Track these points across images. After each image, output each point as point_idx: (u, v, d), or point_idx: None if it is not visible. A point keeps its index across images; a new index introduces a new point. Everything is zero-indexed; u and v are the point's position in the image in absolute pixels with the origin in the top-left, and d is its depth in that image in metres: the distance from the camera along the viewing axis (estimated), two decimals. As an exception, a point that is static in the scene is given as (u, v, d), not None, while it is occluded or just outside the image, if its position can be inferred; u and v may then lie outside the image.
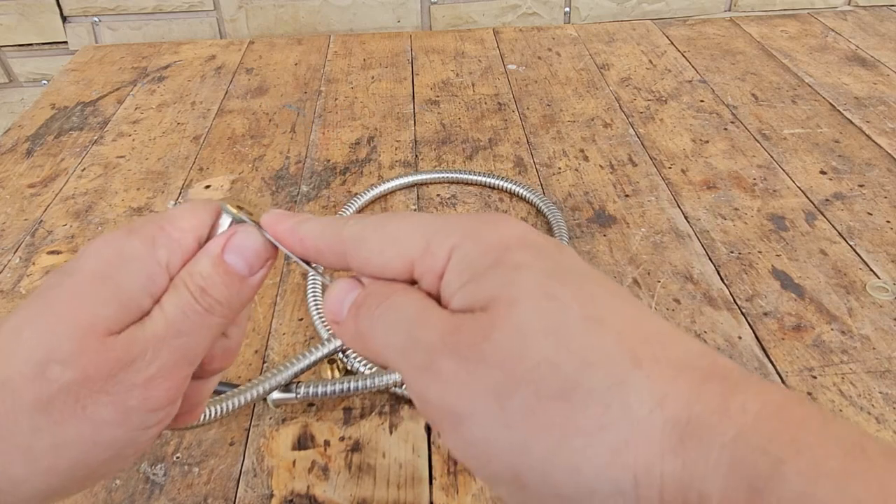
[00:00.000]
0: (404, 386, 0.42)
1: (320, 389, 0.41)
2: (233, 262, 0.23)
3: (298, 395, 0.41)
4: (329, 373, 0.44)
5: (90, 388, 0.21)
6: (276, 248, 0.24)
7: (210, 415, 0.39)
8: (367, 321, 0.21)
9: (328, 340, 0.43)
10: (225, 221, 0.25)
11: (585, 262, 0.21)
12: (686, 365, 0.18)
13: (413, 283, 0.22)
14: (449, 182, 0.62)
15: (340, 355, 0.44)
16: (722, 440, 0.16)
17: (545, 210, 0.57)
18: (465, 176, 0.62)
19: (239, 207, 0.25)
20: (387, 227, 0.22)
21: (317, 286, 0.50)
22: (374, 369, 0.43)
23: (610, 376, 0.17)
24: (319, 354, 0.42)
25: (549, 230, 0.55)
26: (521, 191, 0.60)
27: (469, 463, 0.19)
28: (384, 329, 0.21)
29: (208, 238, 0.24)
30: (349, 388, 0.41)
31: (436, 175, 0.63)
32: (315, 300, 0.49)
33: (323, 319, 0.48)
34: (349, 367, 0.44)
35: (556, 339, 0.18)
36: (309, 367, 0.42)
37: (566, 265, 0.20)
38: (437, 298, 0.21)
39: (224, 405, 0.39)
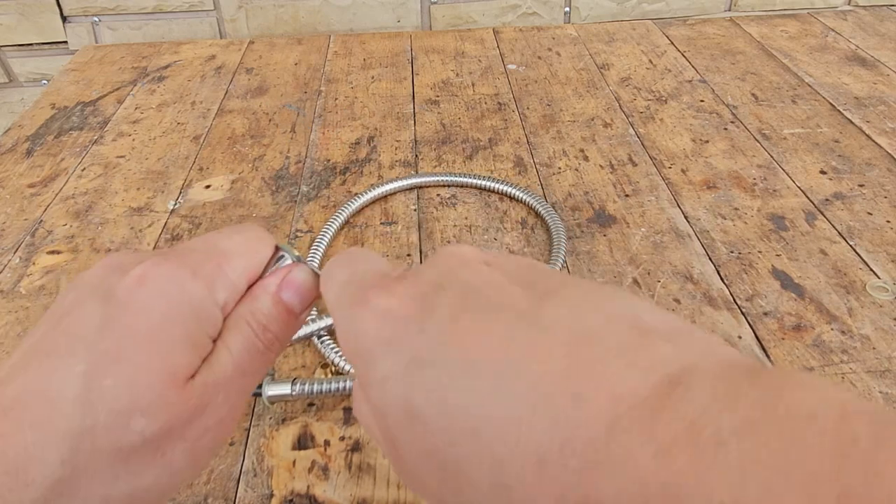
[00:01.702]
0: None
1: (316, 387, 0.41)
2: (288, 300, 0.24)
3: (294, 392, 0.41)
4: (323, 377, 0.44)
5: (171, 437, 0.21)
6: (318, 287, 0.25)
7: None
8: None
9: (305, 324, 0.44)
10: (278, 259, 0.26)
11: (471, 270, 0.20)
12: (545, 456, 0.15)
13: None
14: (447, 185, 0.62)
15: (335, 359, 0.44)
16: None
17: (543, 212, 0.57)
18: (462, 179, 0.62)
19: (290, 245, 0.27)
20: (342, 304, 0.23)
21: None
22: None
23: (493, 495, 0.16)
24: (297, 335, 0.43)
25: (548, 232, 0.55)
26: (519, 194, 0.60)
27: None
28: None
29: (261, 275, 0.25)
30: (346, 388, 0.41)
31: (434, 178, 0.63)
32: None
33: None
34: (341, 371, 0.44)
35: (439, 470, 0.17)
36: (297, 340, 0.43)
37: (427, 339, 0.18)
38: None
39: None
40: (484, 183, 0.61)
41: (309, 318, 0.47)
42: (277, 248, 0.26)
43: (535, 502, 0.14)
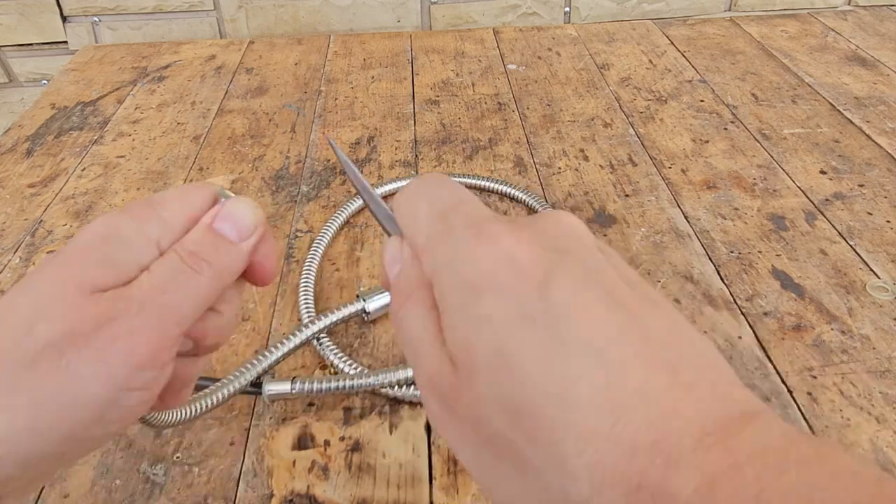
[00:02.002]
0: (398, 388, 0.42)
1: (316, 386, 0.41)
2: (222, 228, 0.25)
3: (294, 391, 0.41)
4: (323, 377, 0.44)
5: (75, 343, 0.21)
6: (264, 219, 0.26)
7: (190, 412, 0.38)
8: (395, 315, 0.23)
9: (305, 326, 0.44)
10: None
11: (590, 246, 0.20)
12: (637, 447, 0.17)
13: None
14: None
15: (333, 360, 0.44)
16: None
17: (538, 207, 0.57)
18: (461, 180, 0.62)
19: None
20: (413, 203, 0.23)
21: (309, 279, 0.50)
22: (365, 370, 0.43)
23: (553, 458, 0.17)
24: (297, 341, 0.43)
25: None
26: (517, 193, 0.60)
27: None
28: (402, 334, 0.22)
29: None
30: (345, 387, 0.41)
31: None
32: (305, 292, 0.49)
33: (307, 308, 0.48)
34: (339, 372, 0.44)
35: (510, 416, 0.18)
36: (289, 354, 0.42)
37: (548, 294, 0.19)
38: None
39: (206, 400, 0.38)
40: (484, 183, 0.61)
41: (306, 320, 0.47)
42: (228, 194, 0.27)
43: (607, 484, 0.16)
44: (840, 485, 0.14)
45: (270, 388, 0.41)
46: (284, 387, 0.41)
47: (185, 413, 0.37)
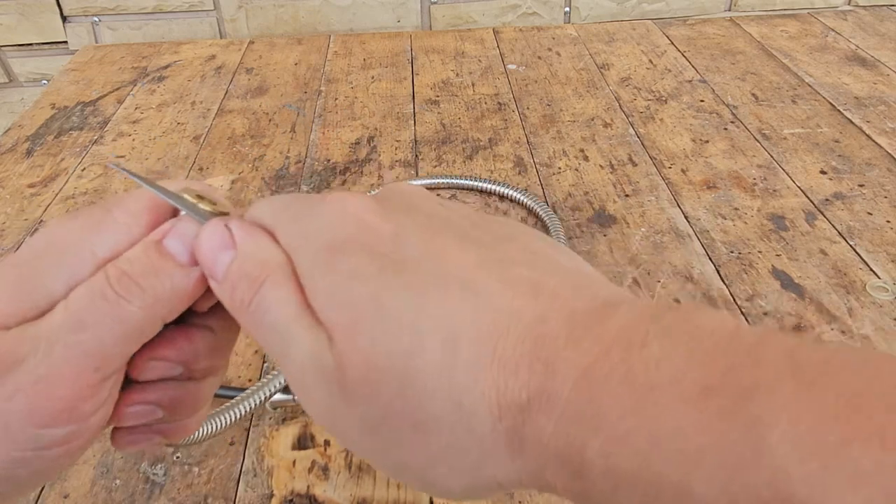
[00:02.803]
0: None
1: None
2: (170, 246, 0.20)
3: (297, 398, 0.41)
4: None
5: None
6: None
7: (205, 431, 0.38)
8: (242, 310, 0.20)
9: None
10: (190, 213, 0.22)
11: (434, 204, 0.21)
12: (518, 362, 0.17)
13: None
14: (442, 188, 0.62)
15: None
16: (545, 432, 0.16)
17: (541, 213, 0.57)
18: (456, 181, 0.62)
19: (199, 197, 0.22)
20: (264, 207, 0.22)
21: None
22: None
23: (449, 400, 0.17)
24: None
25: (548, 232, 0.55)
26: (516, 195, 0.60)
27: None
28: (263, 321, 0.19)
29: None
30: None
31: (432, 181, 0.63)
32: None
33: None
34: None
35: (399, 377, 0.17)
36: None
37: (401, 264, 0.18)
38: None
39: (219, 419, 0.39)
40: (483, 185, 0.61)
41: None
42: (187, 201, 0.22)
43: (504, 406, 0.17)
44: (696, 346, 0.15)
45: (274, 397, 0.41)
46: (287, 394, 0.41)
47: (206, 430, 0.37)
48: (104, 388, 0.20)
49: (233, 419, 0.39)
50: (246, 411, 0.40)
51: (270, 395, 0.41)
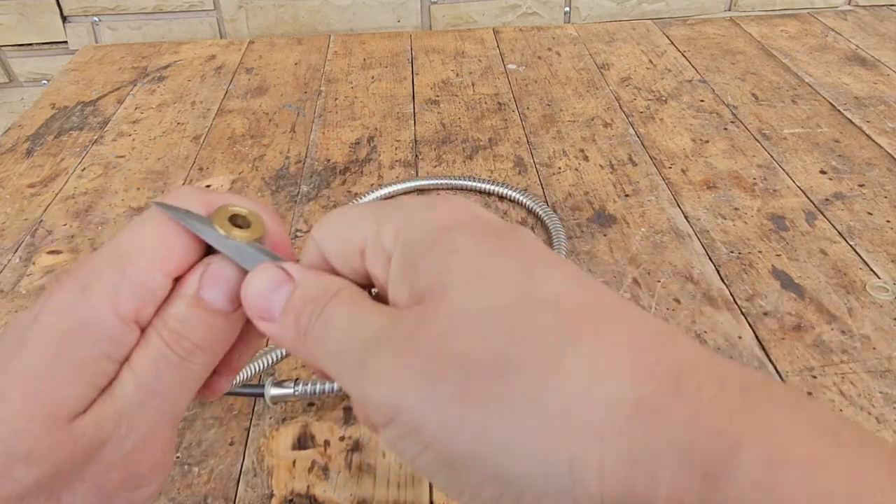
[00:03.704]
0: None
1: (318, 387, 0.41)
2: (211, 298, 0.20)
3: (297, 392, 0.41)
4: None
5: (63, 480, 0.18)
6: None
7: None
8: (309, 333, 0.19)
9: None
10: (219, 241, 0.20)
11: (538, 243, 0.20)
12: (636, 344, 0.16)
13: (365, 272, 0.21)
14: (442, 188, 0.62)
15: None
16: (674, 422, 0.15)
17: (541, 213, 0.57)
18: (456, 182, 0.62)
19: (234, 218, 0.21)
20: (344, 213, 0.21)
21: None
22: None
23: (544, 352, 0.16)
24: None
25: (547, 234, 0.55)
26: (516, 195, 0.60)
27: (406, 456, 0.18)
28: (327, 338, 0.19)
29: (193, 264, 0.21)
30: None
31: (431, 182, 0.63)
32: None
33: None
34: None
35: (488, 321, 0.17)
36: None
37: (512, 245, 0.19)
38: (385, 288, 0.20)
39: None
40: (484, 186, 0.61)
41: None
42: (214, 232, 0.21)
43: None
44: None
45: (273, 391, 0.41)
46: (287, 389, 0.41)
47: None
48: (174, 437, 0.21)
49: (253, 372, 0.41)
50: (265, 366, 0.41)
51: (249, 379, 0.42)
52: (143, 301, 0.20)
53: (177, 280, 0.21)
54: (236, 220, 0.21)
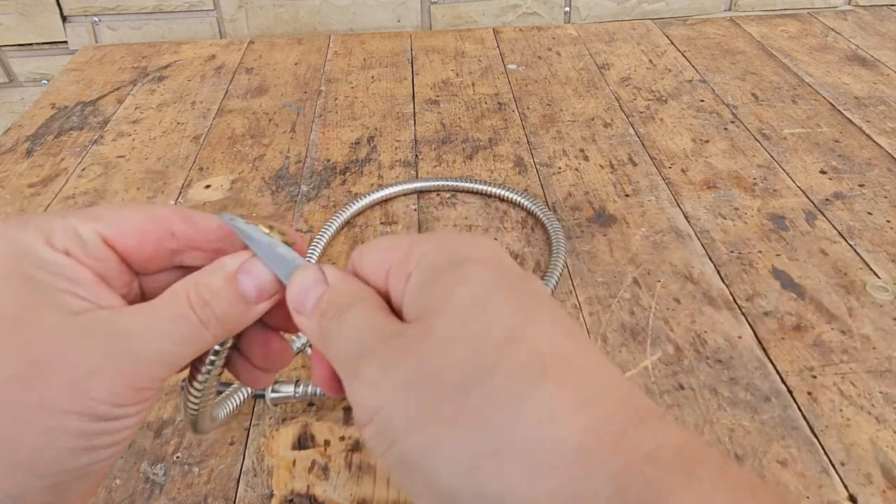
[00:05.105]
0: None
1: (319, 388, 0.41)
2: (243, 284, 0.23)
3: (297, 394, 0.41)
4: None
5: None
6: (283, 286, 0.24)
7: (227, 412, 0.40)
8: (327, 332, 0.21)
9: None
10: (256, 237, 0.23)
11: (544, 291, 0.22)
12: (596, 394, 0.18)
13: (387, 292, 0.23)
14: (441, 190, 0.62)
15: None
16: (608, 469, 0.16)
17: (541, 215, 0.57)
18: (457, 184, 0.62)
19: (270, 227, 0.24)
20: (383, 239, 0.23)
21: None
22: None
23: (509, 385, 0.18)
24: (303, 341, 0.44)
25: (546, 234, 0.55)
26: (516, 197, 0.60)
27: (376, 452, 0.19)
28: (338, 340, 0.21)
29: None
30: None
31: (431, 183, 0.63)
32: None
33: None
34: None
35: (469, 348, 0.18)
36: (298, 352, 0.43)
37: (517, 287, 0.20)
38: (401, 305, 0.22)
39: (236, 399, 0.40)
40: (484, 188, 0.61)
41: None
42: (264, 231, 0.24)
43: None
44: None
45: (273, 392, 0.41)
46: (288, 390, 0.41)
47: (224, 412, 0.39)
48: (160, 385, 0.22)
49: (237, 405, 0.41)
50: (245, 397, 0.41)
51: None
52: (73, 242, 0.22)
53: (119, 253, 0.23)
54: (272, 229, 0.24)
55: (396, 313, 0.22)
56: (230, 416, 0.40)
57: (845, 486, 0.37)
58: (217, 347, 0.24)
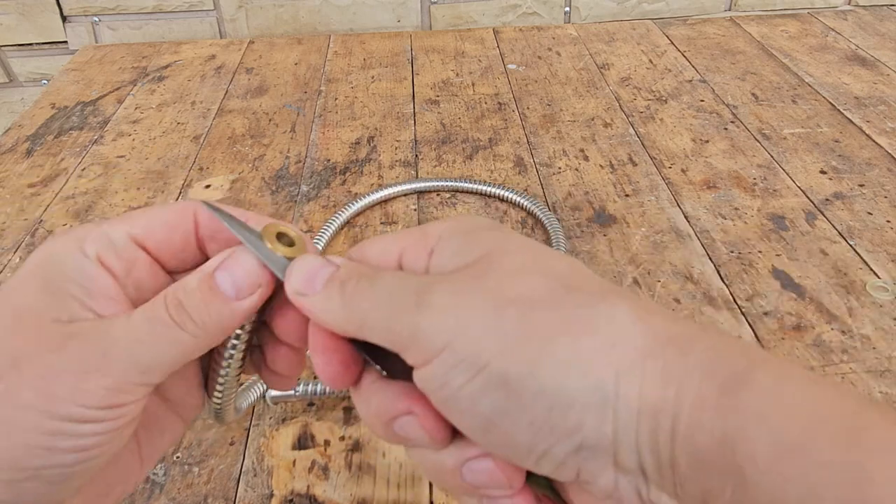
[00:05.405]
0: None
1: (319, 388, 0.41)
2: (220, 281, 0.22)
3: (297, 393, 0.41)
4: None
5: (16, 367, 0.20)
6: (273, 278, 0.23)
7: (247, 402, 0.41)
8: (357, 295, 0.21)
9: None
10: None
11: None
12: (654, 307, 0.21)
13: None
14: (441, 190, 0.62)
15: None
16: (701, 347, 0.19)
17: (540, 215, 0.57)
18: (456, 184, 0.62)
19: (280, 235, 0.23)
20: (382, 235, 0.24)
21: None
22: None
23: (595, 297, 0.20)
24: None
25: (546, 234, 0.55)
26: (516, 198, 0.60)
27: (452, 385, 0.19)
28: (380, 291, 0.21)
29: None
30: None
31: (430, 184, 0.63)
32: None
33: None
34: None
35: (544, 275, 0.20)
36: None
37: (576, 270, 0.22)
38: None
39: (252, 393, 0.41)
40: (484, 188, 0.61)
41: None
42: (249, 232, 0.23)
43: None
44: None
45: (274, 391, 0.41)
46: (287, 390, 0.41)
47: (247, 402, 0.40)
48: (144, 395, 0.22)
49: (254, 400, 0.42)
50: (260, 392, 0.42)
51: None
52: (104, 247, 0.23)
53: (148, 252, 0.24)
54: (282, 238, 0.23)
55: None
56: (253, 404, 0.41)
57: (845, 486, 0.37)
58: (234, 342, 0.23)
